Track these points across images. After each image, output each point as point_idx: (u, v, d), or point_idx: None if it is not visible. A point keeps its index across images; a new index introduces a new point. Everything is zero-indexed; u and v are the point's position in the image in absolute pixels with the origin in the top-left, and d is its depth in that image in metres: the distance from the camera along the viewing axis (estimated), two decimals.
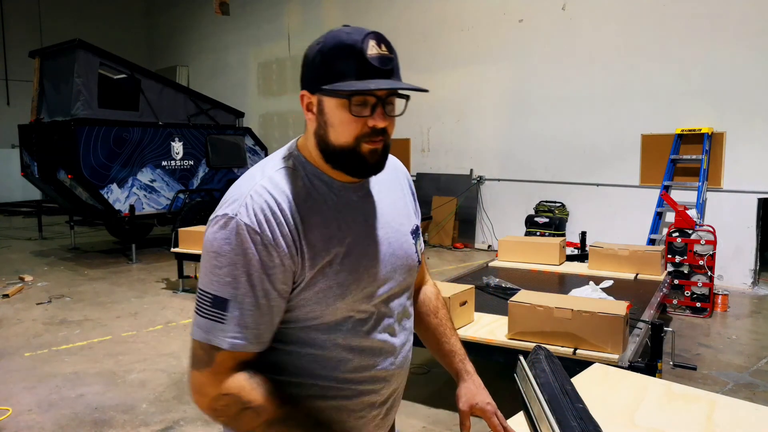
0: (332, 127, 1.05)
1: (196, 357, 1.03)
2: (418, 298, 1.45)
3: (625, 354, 2.83)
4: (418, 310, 1.44)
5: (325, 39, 1.04)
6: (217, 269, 1.01)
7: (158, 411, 3.57)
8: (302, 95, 1.07)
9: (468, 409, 1.36)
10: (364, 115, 1.03)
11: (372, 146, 1.06)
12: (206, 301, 1.02)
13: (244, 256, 1.00)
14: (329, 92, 1.02)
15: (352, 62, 1.00)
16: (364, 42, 1.00)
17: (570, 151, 8.21)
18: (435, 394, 3.72)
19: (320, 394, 1.12)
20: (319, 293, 1.06)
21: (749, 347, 4.72)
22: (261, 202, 1.03)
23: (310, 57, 1.05)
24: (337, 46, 1.01)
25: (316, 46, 1.05)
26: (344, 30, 1.04)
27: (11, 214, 13.17)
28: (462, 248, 9.24)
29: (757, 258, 6.78)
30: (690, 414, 1.47)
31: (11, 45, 14.82)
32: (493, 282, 4.32)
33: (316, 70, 1.03)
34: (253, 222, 1.01)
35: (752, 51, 6.59)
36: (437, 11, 9.59)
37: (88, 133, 7.77)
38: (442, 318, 1.44)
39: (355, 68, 1.00)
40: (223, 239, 1.01)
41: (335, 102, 1.03)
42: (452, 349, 1.42)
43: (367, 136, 1.04)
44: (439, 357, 1.45)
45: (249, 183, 1.07)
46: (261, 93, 13.19)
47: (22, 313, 5.74)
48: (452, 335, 1.44)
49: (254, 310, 1.01)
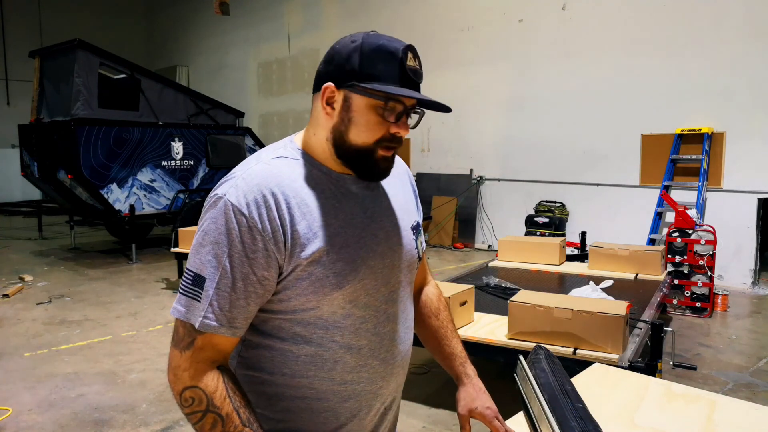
0: (356, 126, 1.05)
1: (177, 335, 1.03)
2: (420, 299, 1.44)
3: (625, 354, 2.83)
4: (420, 312, 1.43)
5: (363, 40, 1.04)
6: (201, 247, 1.02)
7: (158, 411, 3.57)
8: (325, 88, 1.06)
9: (467, 414, 1.36)
10: (390, 121, 1.05)
11: (386, 153, 1.08)
12: (188, 279, 1.03)
13: (227, 236, 1.00)
14: (366, 91, 1.03)
15: (393, 68, 1.03)
16: (404, 51, 1.04)
17: (570, 151, 8.21)
18: (435, 394, 3.72)
19: (317, 396, 1.11)
20: (316, 282, 1.05)
21: (749, 347, 4.72)
22: (252, 184, 1.03)
23: (343, 53, 1.05)
24: (379, 49, 1.03)
25: (350, 43, 1.05)
26: (382, 36, 1.06)
27: (11, 214, 13.17)
28: (462, 248, 9.24)
29: (757, 258, 6.77)
30: (690, 414, 1.47)
31: (11, 45, 14.82)
32: (493, 282, 4.32)
33: (352, 66, 1.03)
34: (241, 203, 1.01)
35: (752, 51, 6.59)
36: (437, 11, 9.59)
37: (88, 133, 7.77)
38: (444, 320, 1.43)
39: (395, 74, 1.03)
40: (211, 218, 1.02)
41: (366, 102, 1.04)
42: (453, 352, 1.41)
43: (386, 141, 1.06)
44: (439, 359, 1.44)
45: (243, 167, 1.08)
46: (261, 93, 13.19)
47: (22, 313, 5.74)
48: (453, 337, 1.42)
49: (230, 293, 1.01)
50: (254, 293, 1.03)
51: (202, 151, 9.21)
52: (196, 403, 1.00)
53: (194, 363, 1.01)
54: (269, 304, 1.08)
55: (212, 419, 1.00)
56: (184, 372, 1.01)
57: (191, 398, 1.01)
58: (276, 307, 1.08)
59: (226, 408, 1.00)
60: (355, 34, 1.07)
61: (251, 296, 1.03)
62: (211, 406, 1.00)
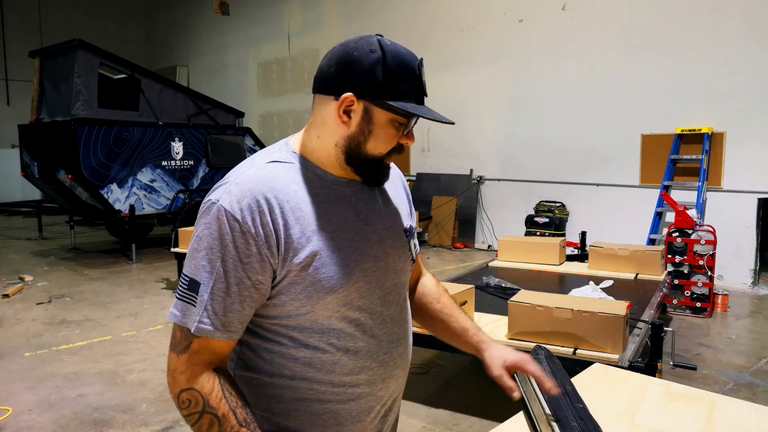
0: (375, 138, 1.07)
1: (175, 339, 1.05)
2: (417, 290, 1.44)
3: (625, 354, 2.83)
4: (420, 301, 1.42)
5: (384, 50, 1.04)
6: (195, 253, 1.03)
7: (158, 411, 3.57)
8: (345, 98, 1.04)
9: (504, 371, 1.28)
10: (402, 133, 1.09)
11: (391, 161, 1.14)
12: (184, 284, 1.04)
13: (220, 242, 1.01)
14: (392, 108, 1.04)
15: (414, 86, 1.07)
16: (419, 67, 1.08)
17: (570, 151, 8.21)
18: (435, 394, 3.73)
19: (316, 397, 1.11)
20: (309, 287, 1.05)
21: (749, 347, 4.72)
22: (245, 189, 1.03)
23: (365, 65, 1.04)
24: (401, 66, 1.05)
25: (371, 54, 1.04)
26: (397, 46, 1.08)
27: (11, 214, 13.18)
28: (462, 248, 9.24)
29: (757, 258, 6.78)
30: (690, 414, 1.47)
31: (11, 45, 14.82)
32: (493, 282, 4.32)
33: (376, 80, 1.04)
34: (234, 209, 1.01)
35: (752, 51, 6.59)
36: (437, 11, 9.59)
37: (88, 133, 7.76)
38: (446, 302, 1.42)
39: (415, 92, 1.07)
40: (205, 224, 1.03)
41: (387, 117, 1.06)
42: (463, 326, 1.38)
43: (395, 151, 1.11)
44: (452, 339, 1.40)
45: (237, 172, 1.09)
46: (261, 93, 13.19)
47: (22, 313, 5.74)
48: (459, 313, 1.40)
49: (224, 297, 1.01)
50: (249, 297, 1.03)
51: (202, 151, 9.21)
52: (193, 404, 1.01)
53: (191, 366, 1.02)
54: (265, 309, 1.08)
55: (209, 420, 1.01)
56: (181, 375, 1.02)
57: (188, 400, 1.02)
58: (271, 312, 1.08)
59: (222, 408, 1.01)
60: (370, 41, 1.06)
61: (246, 300, 1.03)
62: (208, 407, 1.01)
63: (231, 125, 10.01)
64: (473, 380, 3.95)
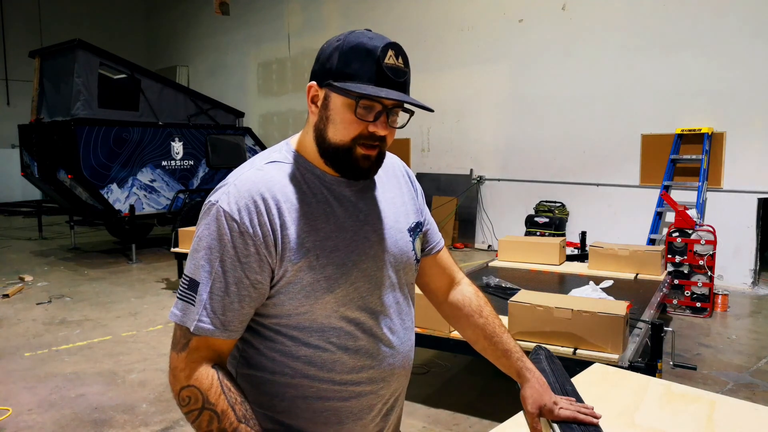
0: (333, 124, 1.06)
1: (175, 338, 1.06)
2: (454, 300, 1.39)
3: (625, 354, 2.83)
4: (460, 313, 1.38)
5: (346, 38, 1.05)
6: (195, 253, 1.05)
7: (158, 411, 3.57)
8: (310, 86, 1.08)
9: (536, 411, 1.30)
10: (368, 120, 1.04)
11: (366, 152, 1.07)
12: (184, 284, 1.05)
13: (219, 242, 1.02)
14: (339, 90, 1.03)
15: (368, 66, 1.02)
16: (384, 50, 1.02)
17: (570, 151, 8.21)
18: (435, 394, 3.73)
19: (318, 395, 1.11)
20: (307, 287, 1.06)
21: (749, 347, 4.72)
22: (243, 190, 1.04)
23: (326, 51, 1.06)
24: (356, 48, 1.03)
25: (335, 42, 1.06)
26: (366, 34, 1.05)
27: (11, 214, 13.17)
28: (462, 248, 9.24)
29: (757, 258, 6.77)
30: (690, 414, 1.47)
31: (11, 45, 14.82)
32: (493, 282, 4.32)
33: (330, 65, 1.04)
34: (232, 209, 1.02)
35: (752, 51, 6.59)
36: (437, 11, 9.59)
37: (88, 133, 7.77)
38: (488, 316, 1.37)
39: (370, 73, 1.02)
40: (205, 225, 1.05)
41: (342, 100, 1.04)
42: (507, 348, 1.34)
43: (364, 139, 1.06)
44: (493, 358, 1.37)
45: (236, 173, 1.10)
46: (261, 93, 13.19)
47: (22, 313, 5.74)
48: (503, 333, 1.36)
49: (223, 296, 1.02)
50: (248, 296, 1.04)
51: (202, 151, 9.21)
52: (193, 401, 1.02)
53: (190, 363, 1.03)
54: (265, 308, 1.09)
55: (208, 416, 1.01)
56: (180, 372, 1.03)
57: (188, 397, 1.02)
58: (271, 311, 1.09)
59: (221, 404, 1.01)
60: (345, 33, 1.07)
61: (245, 299, 1.04)
62: (207, 403, 1.01)
63: (231, 125, 10.01)
64: (473, 380, 3.95)
